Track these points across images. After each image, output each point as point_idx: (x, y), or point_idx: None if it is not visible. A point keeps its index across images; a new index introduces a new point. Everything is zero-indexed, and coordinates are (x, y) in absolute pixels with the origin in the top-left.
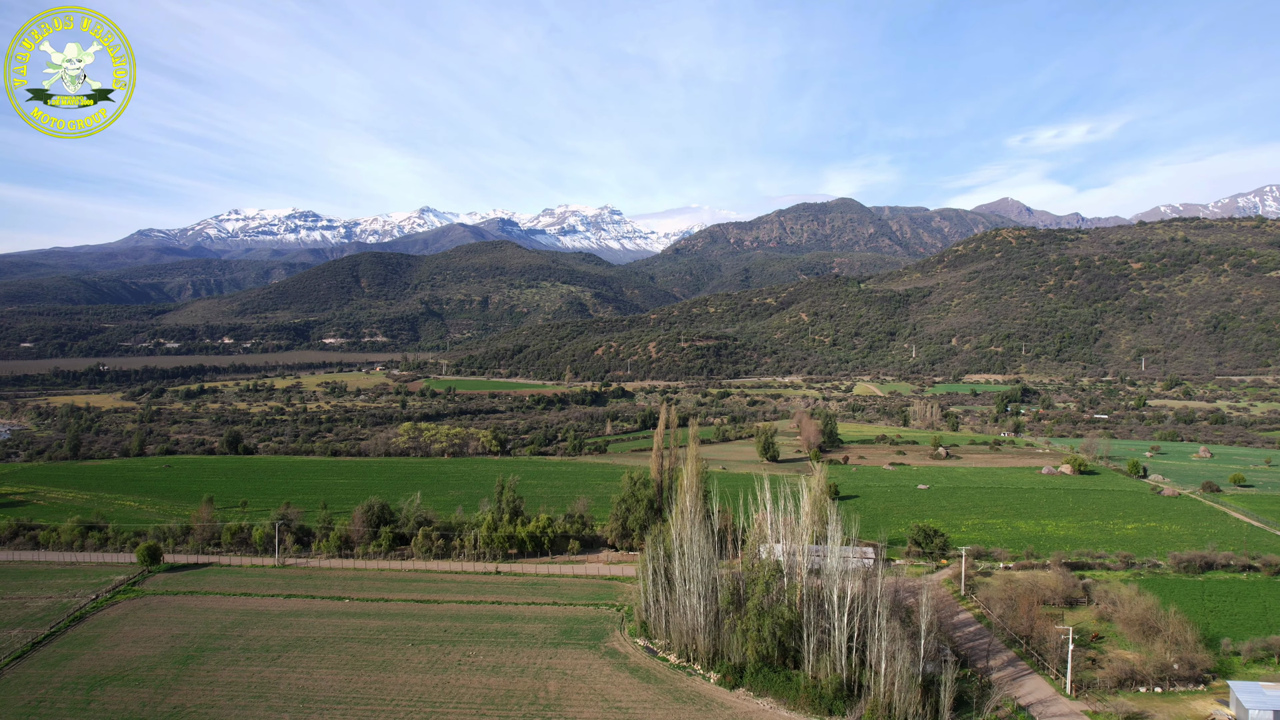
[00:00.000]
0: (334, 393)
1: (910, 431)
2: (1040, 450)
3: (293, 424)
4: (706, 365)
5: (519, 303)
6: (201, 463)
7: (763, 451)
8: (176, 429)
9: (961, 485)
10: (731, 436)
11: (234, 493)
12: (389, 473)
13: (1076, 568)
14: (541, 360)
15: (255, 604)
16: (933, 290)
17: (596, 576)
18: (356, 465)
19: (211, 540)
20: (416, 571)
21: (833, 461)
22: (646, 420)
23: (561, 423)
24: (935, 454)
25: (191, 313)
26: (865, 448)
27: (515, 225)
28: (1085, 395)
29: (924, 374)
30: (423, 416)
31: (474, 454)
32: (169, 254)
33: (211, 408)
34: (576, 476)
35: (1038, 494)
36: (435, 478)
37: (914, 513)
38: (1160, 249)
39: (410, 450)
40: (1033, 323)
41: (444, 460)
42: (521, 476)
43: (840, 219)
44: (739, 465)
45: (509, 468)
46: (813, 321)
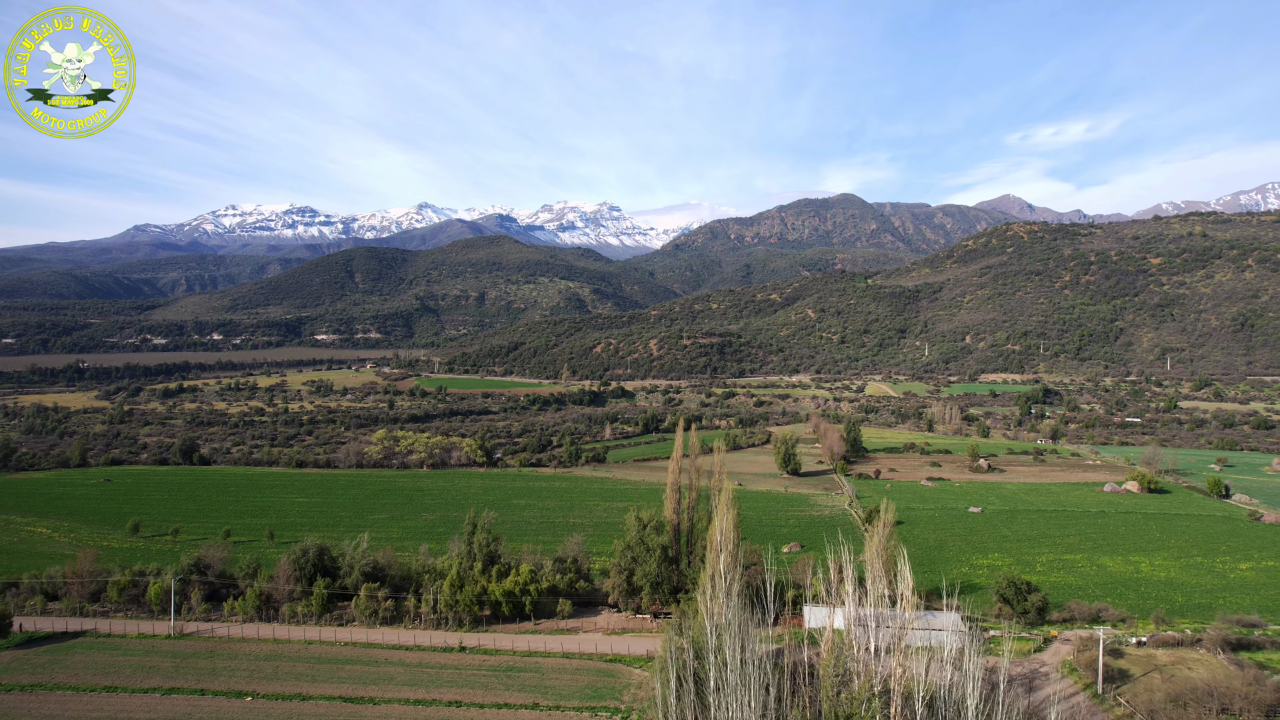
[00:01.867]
0: (319, 392)
1: (939, 438)
2: (1090, 461)
3: (271, 426)
4: (710, 364)
5: (516, 299)
6: (148, 476)
7: (782, 464)
8: (148, 431)
9: (1018, 508)
10: (743, 443)
11: (171, 515)
12: (357, 488)
13: (1241, 647)
14: (538, 358)
15: (116, 708)
16: (943, 286)
17: (594, 655)
18: (323, 480)
19: (95, 596)
20: (356, 647)
21: (862, 475)
22: (649, 423)
23: (558, 425)
24: (975, 466)
25: (181, 308)
26: (894, 458)
27: (514, 221)
28: (1110, 396)
29: (938, 373)
30: (410, 418)
31: (457, 465)
32: (164, 249)
33: (188, 408)
34: (571, 495)
35: (1111, 519)
36: (409, 496)
37: (973, 544)
38: (1178, 244)
39: (385, 462)
40: (1050, 320)
41: (422, 474)
42: (507, 496)
43: (842, 215)
44: (757, 480)
45: (494, 483)
46: (820, 318)
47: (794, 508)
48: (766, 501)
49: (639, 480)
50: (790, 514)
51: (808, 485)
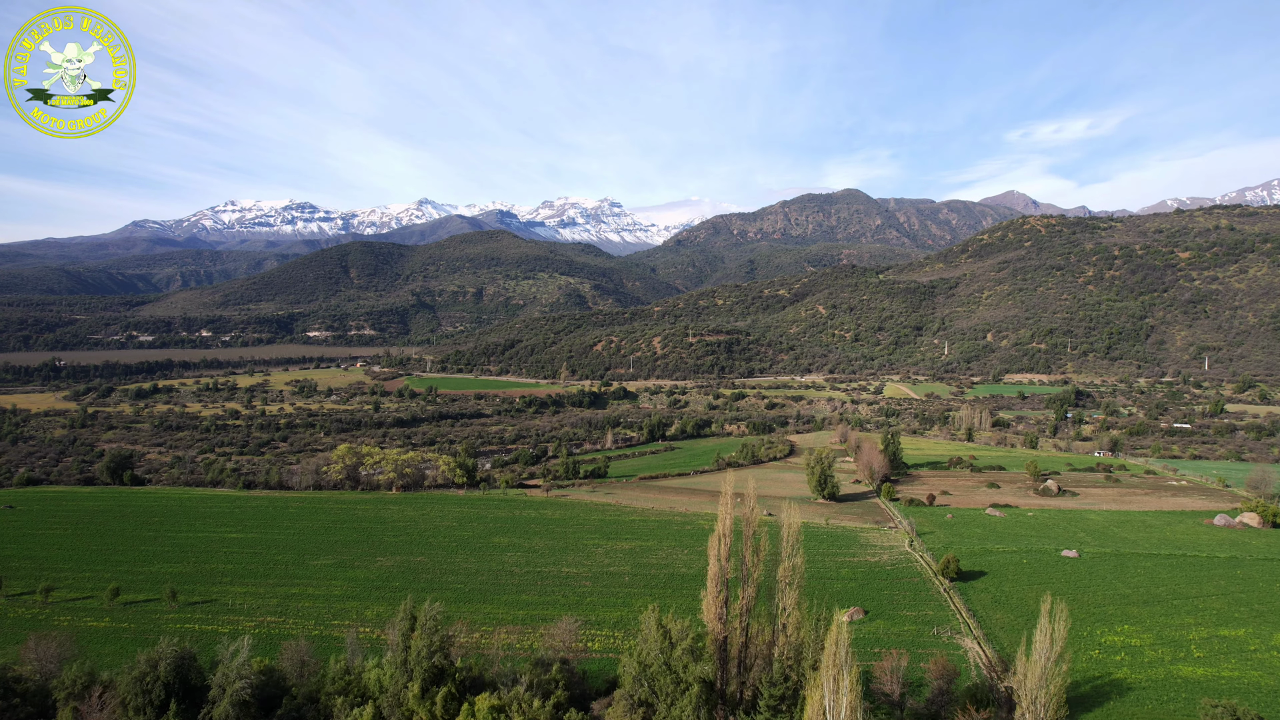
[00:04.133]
0: (302, 392)
1: (986, 450)
2: (1173, 481)
3: (245, 430)
4: (717, 362)
5: (515, 294)
6: (62, 501)
7: (817, 486)
8: (111, 436)
9: (1121, 549)
10: (763, 456)
11: (63, 560)
12: (309, 518)
13: None
14: (535, 356)
15: None
16: (959, 281)
17: None
18: (270, 506)
19: None
20: None
21: (913, 501)
22: (654, 430)
23: (555, 430)
24: (1041, 488)
25: (171, 304)
26: (941, 476)
27: (514, 217)
28: (1146, 399)
29: (959, 373)
30: (396, 422)
31: (432, 487)
32: (162, 245)
33: (160, 410)
34: (566, 531)
35: (1251, 569)
36: (367, 530)
37: (1087, 608)
38: (1206, 238)
39: (348, 483)
40: (1075, 317)
41: (389, 498)
42: (487, 531)
43: (846, 210)
44: (789, 506)
45: (473, 511)
46: (831, 315)
47: (842, 549)
48: (808, 541)
49: (646, 509)
50: (840, 559)
51: (851, 514)
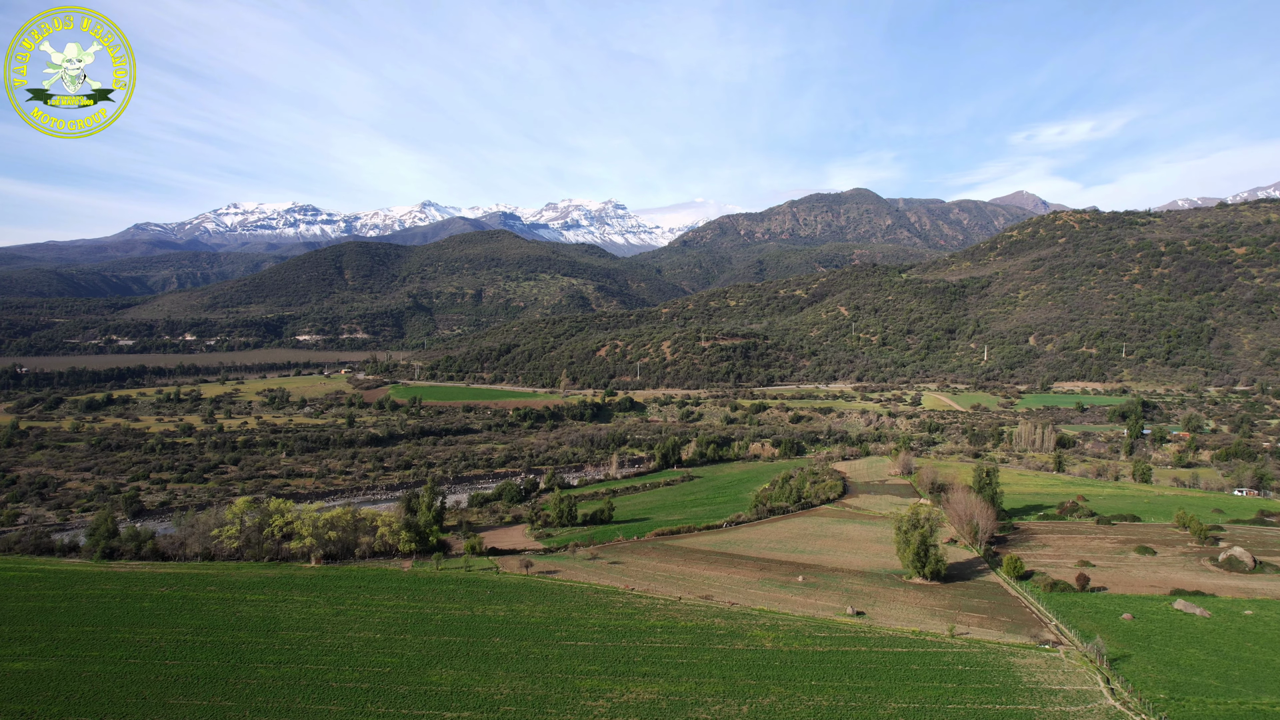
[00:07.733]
0: (274, 403)
1: (1088, 485)
2: None
3: (195, 450)
4: (733, 369)
5: (515, 296)
6: None
7: (914, 561)
8: (39, 457)
9: None
10: (812, 497)
11: None
12: (162, 623)
13: None
14: (533, 362)
15: None
16: (991, 280)
17: None
18: (120, 597)
19: None
20: None
21: (1055, 585)
22: (668, 455)
23: (551, 448)
24: (1221, 559)
25: (157, 307)
26: (1059, 531)
27: (517, 219)
28: (1220, 410)
29: (1002, 380)
30: (370, 440)
31: (369, 556)
32: (162, 247)
33: (103, 425)
34: (550, 652)
35: None
36: (240, 653)
37: None
38: (1261, 232)
39: (247, 550)
40: (1125, 319)
41: (301, 576)
42: (419, 662)
43: (855, 210)
44: (870, 597)
45: (409, 612)
46: (854, 316)
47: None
48: (926, 675)
49: (670, 598)
50: None
51: (975, 611)
